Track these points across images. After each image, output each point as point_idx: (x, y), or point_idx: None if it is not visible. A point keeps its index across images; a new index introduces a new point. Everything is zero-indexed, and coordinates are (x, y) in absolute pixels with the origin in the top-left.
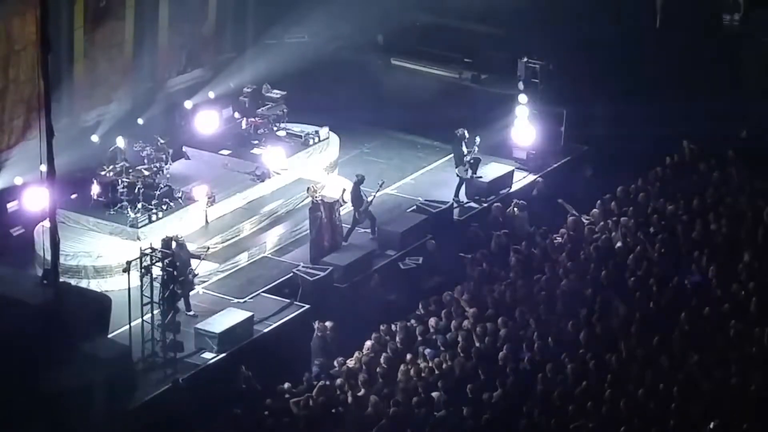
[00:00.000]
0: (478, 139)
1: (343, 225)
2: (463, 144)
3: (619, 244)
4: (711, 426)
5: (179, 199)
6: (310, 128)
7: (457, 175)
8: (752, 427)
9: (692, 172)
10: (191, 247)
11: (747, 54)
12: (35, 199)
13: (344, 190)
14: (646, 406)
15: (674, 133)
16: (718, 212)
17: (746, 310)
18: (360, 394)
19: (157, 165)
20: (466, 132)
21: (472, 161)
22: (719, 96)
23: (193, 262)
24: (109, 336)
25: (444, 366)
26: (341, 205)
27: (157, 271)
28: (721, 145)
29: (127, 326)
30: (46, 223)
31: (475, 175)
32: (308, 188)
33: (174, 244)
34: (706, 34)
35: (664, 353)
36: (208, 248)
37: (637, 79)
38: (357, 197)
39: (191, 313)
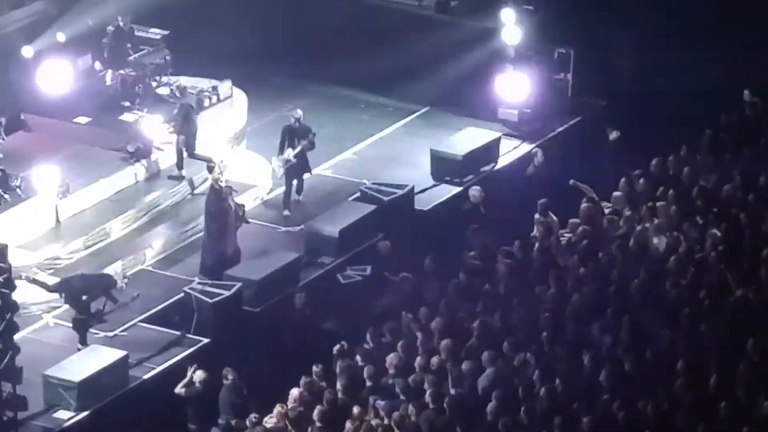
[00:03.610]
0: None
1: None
2: (293, 133)
3: (655, 241)
4: None
5: (17, 189)
6: (204, 83)
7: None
8: None
9: (757, 136)
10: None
11: None
12: None
13: (244, 206)
14: None
15: (731, 82)
16: None
17: None
18: None
19: None
20: (298, 112)
21: (294, 160)
22: None
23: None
24: None
25: (407, 422)
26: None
27: None
28: None
29: None
30: None
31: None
32: (210, 167)
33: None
34: None
35: (725, 399)
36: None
37: (676, 4)
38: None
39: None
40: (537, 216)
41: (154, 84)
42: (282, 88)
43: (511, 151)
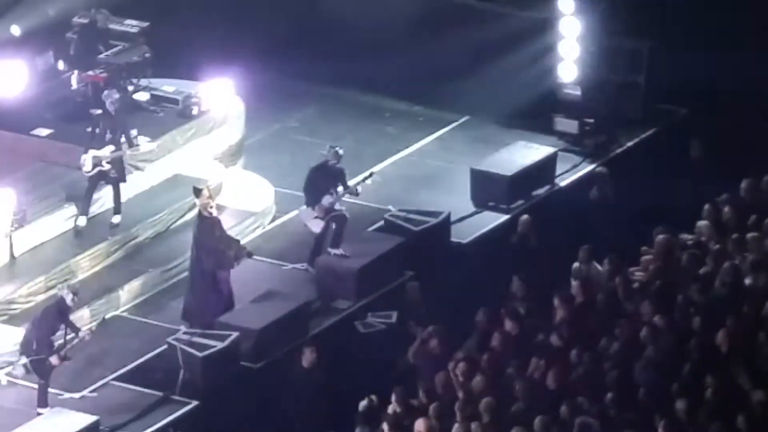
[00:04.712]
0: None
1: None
2: (328, 175)
3: (747, 281)
4: None
5: None
6: (192, 87)
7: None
8: None
9: None
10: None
11: None
12: None
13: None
14: None
15: None
16: None
17: None
18: None
19: None
20: (336, 153)
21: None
22: None
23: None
24: None
25: None
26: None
27: None
28: None
29: None
30: None
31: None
32: (197, 190)
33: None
34: None
35: None
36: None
37: None
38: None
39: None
40: (577, 265)
41: (130, 88)
42: (287, 93)
43: (570, 171)
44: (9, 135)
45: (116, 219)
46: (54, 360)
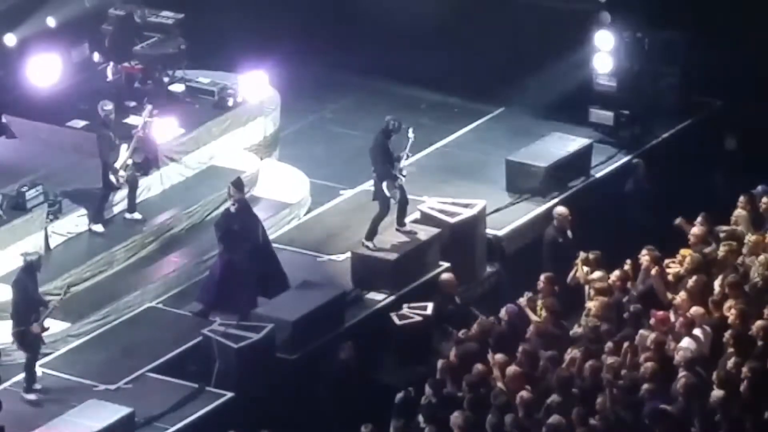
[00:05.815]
0: (411, 136)
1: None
2: (390, 143)
3: None
4: None
5: None
6: (227, 78)
7: (378, 195)
8: None
9: None
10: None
11: None
12: None
13: None
14: None
15: None
16: None
17: None
18: None
19: None
20: (399, 123)
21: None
22: None
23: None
24: None
25: None
26: None
27: None
28: None
29: None
30: None
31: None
32: (235, 182)
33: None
34: None
35: None
36: (67, 289)
37: None
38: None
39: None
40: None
41: (166, 79)
42: (322, 84)
43: (606, 162)
44: (45, 126)
45: (137, 215)
46: (35, 328)
